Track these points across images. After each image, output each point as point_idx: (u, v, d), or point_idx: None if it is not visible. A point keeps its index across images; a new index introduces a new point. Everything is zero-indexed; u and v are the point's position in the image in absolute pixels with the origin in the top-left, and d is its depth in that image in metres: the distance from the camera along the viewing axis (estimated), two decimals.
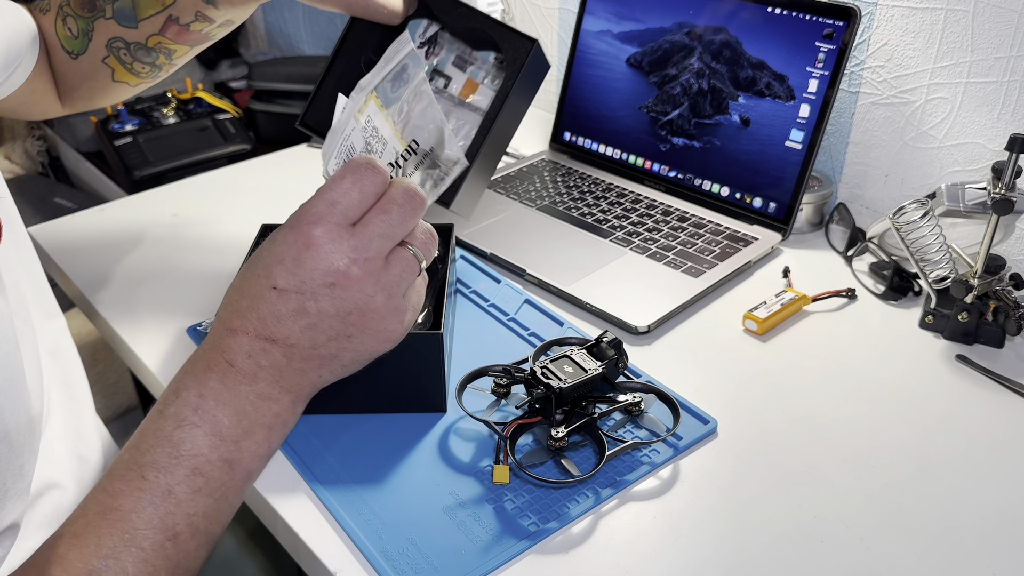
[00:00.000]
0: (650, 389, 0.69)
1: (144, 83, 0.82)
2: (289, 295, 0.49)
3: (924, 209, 0.79)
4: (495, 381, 0.69)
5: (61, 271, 0.91)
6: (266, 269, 0.50)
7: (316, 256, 0.49)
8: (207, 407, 0.48)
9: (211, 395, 0.49)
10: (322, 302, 0.49)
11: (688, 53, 1.00)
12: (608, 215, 0.98)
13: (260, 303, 0.50)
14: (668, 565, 0.57)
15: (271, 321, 0.50)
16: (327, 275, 0.49)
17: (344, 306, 0.50)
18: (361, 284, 0.50)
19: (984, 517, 0.61)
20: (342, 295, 0.49)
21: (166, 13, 0.77)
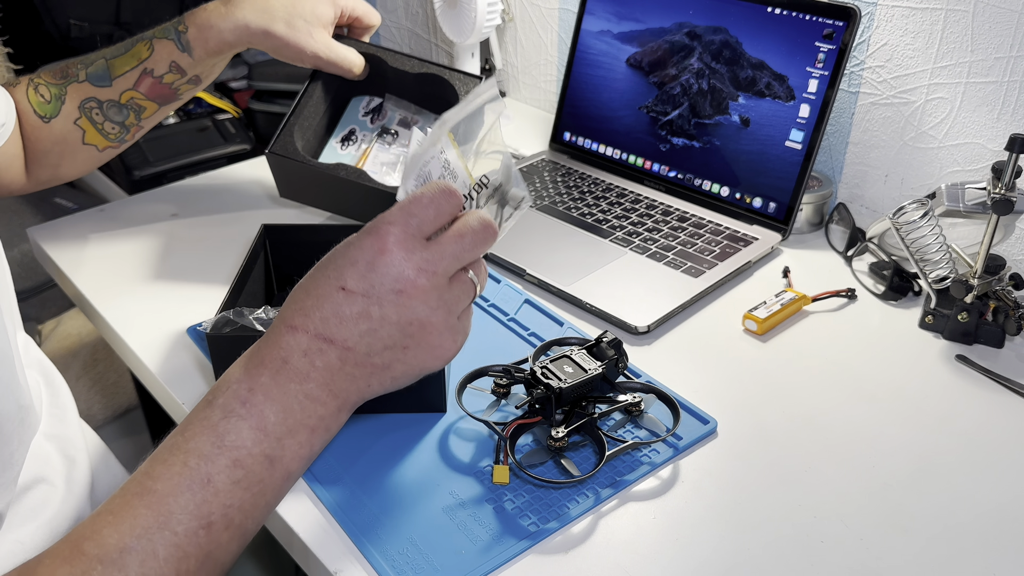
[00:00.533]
0: (650, 389, 0.69)
1: (110, 148, 0.87)
2: (356, 297, 0.50)
3: (924, 209, 0.79)
4: (495, 381, 0.69)
5: (61, 271, 0.91)
6: (337, 271, 0.51)
7: (389, 262, 0.50)
8: (255, 401, 0.49)
9: (261, 390, 0.49)
10: (387, 308, 0.50)
11: (688, 53, 1.00)
12: (608, 215, 0.98)
13: (326, 303, 0.51)
14: (668, 565, 0.57)
15: (334, 321, 0.50)
16: (397, 281, 0.50)
17: (406, 315, 0.51)
18: (427, 296, 0.51)
19: (983, 517, 0.61)
20: (407, 303, 0.51)
21: (141, 67, 0.82)
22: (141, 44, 0.84)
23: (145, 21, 1.86)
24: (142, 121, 0.86)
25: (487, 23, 1.14)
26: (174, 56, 0.83)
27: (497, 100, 0.63)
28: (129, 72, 0.83)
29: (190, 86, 0.87)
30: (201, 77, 0.87)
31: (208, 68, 0.86)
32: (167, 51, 0.83)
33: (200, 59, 0.84)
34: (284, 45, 0.84)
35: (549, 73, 1.31)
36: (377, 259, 0.51)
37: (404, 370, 0.53)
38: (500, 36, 1.35)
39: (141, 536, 0.44)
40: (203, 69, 0.86)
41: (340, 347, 0.50)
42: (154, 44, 0.83)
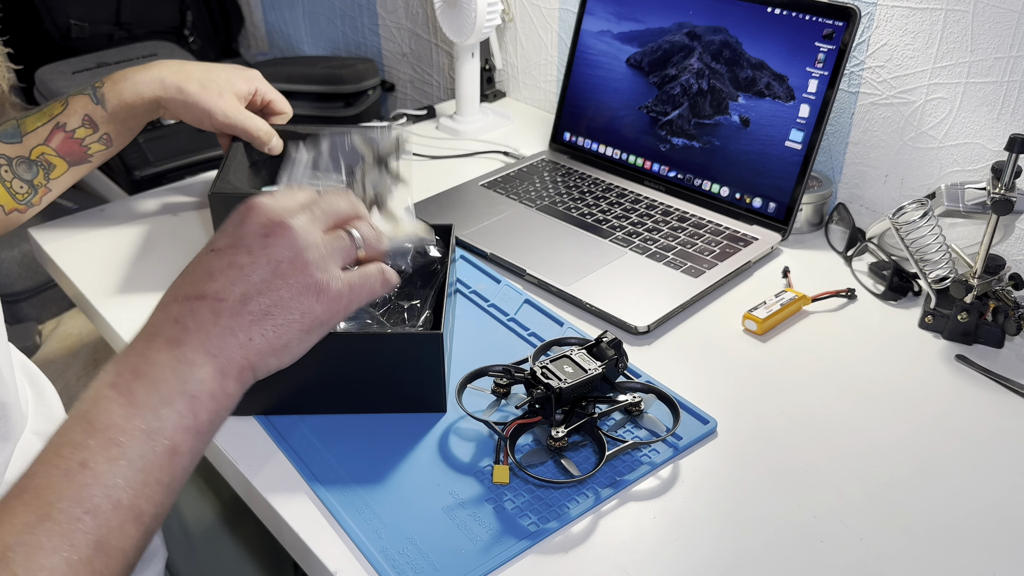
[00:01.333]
0: (650, 389, 0.69)
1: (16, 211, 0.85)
2: (224, 252, 0.51)
3: (924, 209, 0.79)
4: (495, 381, 0.69)
5: (61, 271, 0.91)
6: (209, 242, 0.53)
7: (256, 213, 0.52)
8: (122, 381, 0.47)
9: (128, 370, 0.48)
10: (255, 252, 0.50)
11: (688, 53, 1.00)
12: (608, 215, 0.98)
13: (196, 268, 0.51)
14: (668, 564, 0.57)
15: (203, 279, 0.50)
16: (263, 227, 0.51)
17: (275, 254, 0.50)
18: (295, 236, 0.51)
19: (983, 516, 0.61)
20: (274, 242, 0.51)
21: (53, 122, 0.84)
22: (56, 103, 0.85)
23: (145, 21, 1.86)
24: (51, 183, 0.85)
25: (487, 23, 1.14)
26: (88, 109, 0.84)
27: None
28: (41, 127, 0.83)
29: (101, 146, 0.86)
30: (112, 137, 0.87)
31: (120, 127, 0.86)
32: (81, 104, 0.84)
33: (113, 112, 0.84)
34: (195, 103, 0.86)
35: (549, 73, 1.31)
36: (245, 216, 0.52)
37: (286, 316, 0.50)
38: (500, 36, 1.35)
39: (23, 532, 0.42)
40: (115, 127, 0.86)
41: (211, 299, 0.49)
42: (69, 100, 0.85)
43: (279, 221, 0.51)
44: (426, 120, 1.31)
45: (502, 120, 1.27)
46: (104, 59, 1.64)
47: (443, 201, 1.02)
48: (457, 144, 1.21)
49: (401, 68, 1.63)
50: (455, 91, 1.25)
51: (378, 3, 1.60)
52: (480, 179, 1.07)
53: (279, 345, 0.51)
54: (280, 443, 0.66)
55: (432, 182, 1.08)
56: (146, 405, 0.47)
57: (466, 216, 0.98)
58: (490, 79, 1.35)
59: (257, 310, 0.50)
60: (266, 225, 0.51)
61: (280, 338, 0.51)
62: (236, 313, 0.49)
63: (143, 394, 0.47)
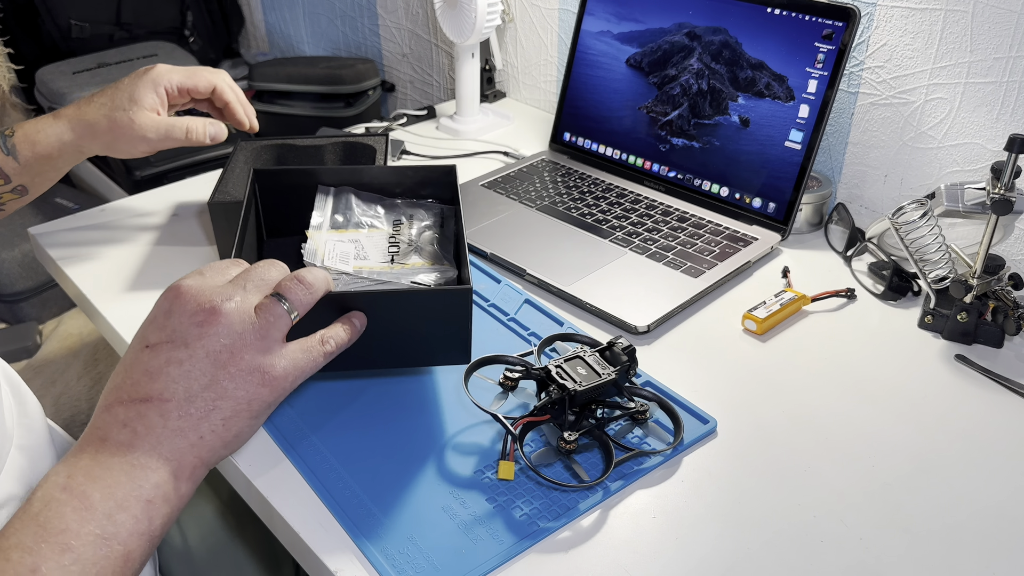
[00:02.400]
0: (654, 397, 0.69)
1: None
2: (160, 347, 0.49)
3: (923, 209, 0.79)
4: (505, 373, 0.67)
5: (61, 271, 0.91)
6: (140, 335, 0.50)
7: (184, 301, 0.50)
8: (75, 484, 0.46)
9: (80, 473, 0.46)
10: (192, 345, 0.49)
11: (688, 54, 1.00)
12: (608, 215, 0.98)
13: (134, 367, 0.49)
14: (668, 564, 0.57)
15: (144, 380, 0.49)
16: (195, 315, 0.49)
17: (213, 344, 0.49)
18: (229, 321, 0.49)
19: (982, 516, 0.61)
20: (211, 332, 0.49)
21: None
22: None
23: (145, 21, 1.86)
24: None
25: (487, 23, 1.15)
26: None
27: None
28: None
29: (14, 196, 0.85)
30: (28, 188, 0.85)
31: (34, 178, 0.84)
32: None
33: (27, 163, 0.83)
34: (112, 140, 0.83)
35: (549, 73, 1.31)
36: (173, 305, 0.50)
37: (233, 407, 0.49)
38: (500, 36, 1.35)
39: None
40: (29, 178, 0.84)
41: (157, 401, 0.48)
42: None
43: (210, 307, 0.49)
44: (426, 120, 1.31)
45: (502, 120, 1.27)
46: (104, 59, 1.64)
47: None
48: (457, 144, 1.21)
49: (401, 68, 1.63)
50: (455, 91, 1.25)
51: (378, 3, 1.60)
52: (480, 179, 1.07)
53: (229, 437, 0.50)
54: (281, 443, 0.66)
55: None
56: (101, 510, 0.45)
57: (466, 216, 0.98)
58: (490, 79, 1.35)
59: (204, 407, 0.49)
60: (197, 313, 0.49)
61: (230, 430, 0.50)
62: (184, 414, 0.48)
63: (98, 498, 0.45)
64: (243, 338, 0.50)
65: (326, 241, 0.75)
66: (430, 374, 0.73)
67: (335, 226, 0.77)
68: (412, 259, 0.75)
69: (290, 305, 0.52)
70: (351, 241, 0.76)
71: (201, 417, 0.49)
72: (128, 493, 0.46)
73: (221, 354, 0.49)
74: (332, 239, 0.75)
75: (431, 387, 0.72)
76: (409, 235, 0.77)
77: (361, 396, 0.71)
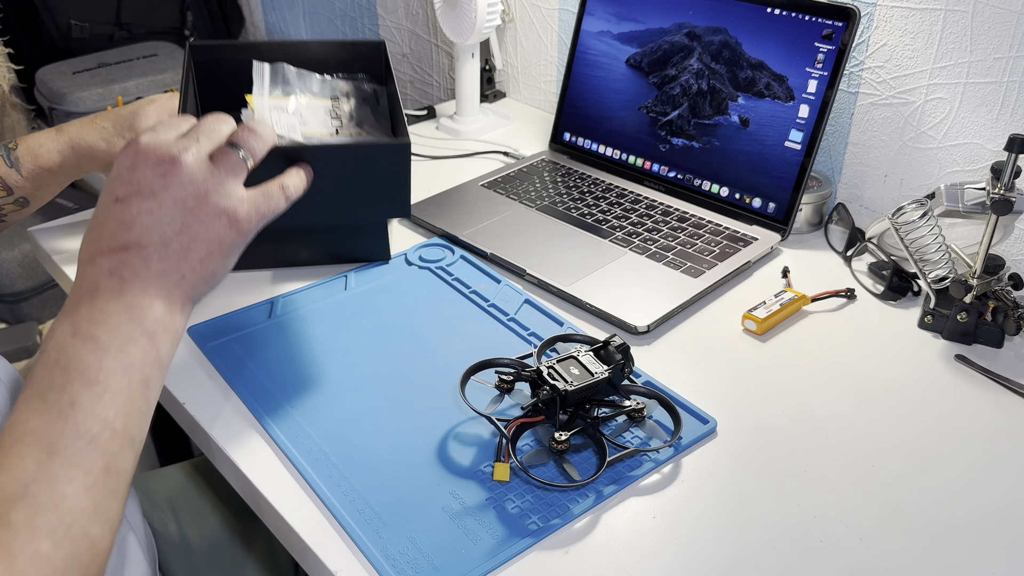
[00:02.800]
0: (653, 395, 0.69)
1: None
2: (130, 200, 0.53)
3: (923, 209, 0.79)
4: (500, 376, 0.68)
5: (61, 271, 0.91)
6: (107, 191, 0.54)
7: (145, 154, 0.54)
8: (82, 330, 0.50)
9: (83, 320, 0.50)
10: (159, 194, 0.53)
11: (688, 54, 1.00)
12: (608, 215, 0.98)
13: (108, 221, 0.53)
14: (668, 564, 0.57)
15: (120, 231, 0.52)
16: (158, 166, 0.53)
17: (179, 192, 0.53)
18: (190, 170, 0.54)
19: (982, 516, 0.61)
20: (175, 182, 0.53)
21: None
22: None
23: (145, 21, 1.86)
24: None
25: (487, 23, 1.15)
26: (1, 172, 0.83)
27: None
28: None
29: (16, 207, 0.86)
30: (29, 200, 0.86)
31: (36, 191, 0.85)
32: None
33: (29, 176, 0.84)
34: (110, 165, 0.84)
35: (549, 73, 1.31)
36: (135, 159, 0.53)
37: (206, 248, 0.54)
38: (500, 36, 1.35)
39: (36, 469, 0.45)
40: (31, 191, 0.85)
41: (136, 248, 0.52)
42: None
43: (169, 158, 0.53)
44: (426, 120, 1.31)
45: (502, 120, 1.27)
46: (104, 59, 1.64)
47: (443, 201, 1.02)
48: (457, 144, 1.21)
49: (401, 68, 1.63)
50: (455, 91, 1.25)
51: (378, 3, 1.60)
52: (480, 179, 1.07)
53: (207, 275, 0.55)
54: (281, 443, 0.66)
55: (432, 182, 1.08)
56: (112, 346, 0.50)
57: (466, 216, 0.98)
58: (490, 79, 1.35)
59: (179, 249, 0.53)
60: (159, 164, 0.53)
61: (207, 268, 0.55)
62: (163, 257, 0.53)
63: (106, 338, 0.50)
64: (205, 184, 0.54)
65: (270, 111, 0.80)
66: (431, 374, 0.74)
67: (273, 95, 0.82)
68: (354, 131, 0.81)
69: (245, 152, 0.57)
70: (293, 113, 0.81)
71: (179, 259, 0.53)
72: (132, 330, 0.51)
73: (187, 201, 0.53)
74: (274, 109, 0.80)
75: (432, 387, 0.72)
76: (350, 108, 0.83)
77: (361, 396, 0.71)
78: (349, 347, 0.77)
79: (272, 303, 0.83)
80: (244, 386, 0.72)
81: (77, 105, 1.51)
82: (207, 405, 0.70)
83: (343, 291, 0.85)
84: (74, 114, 1.51)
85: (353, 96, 0.86)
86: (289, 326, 0.80)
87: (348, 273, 0.87)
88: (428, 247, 0.93)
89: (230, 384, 0.72)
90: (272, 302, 0.83)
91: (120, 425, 0.49)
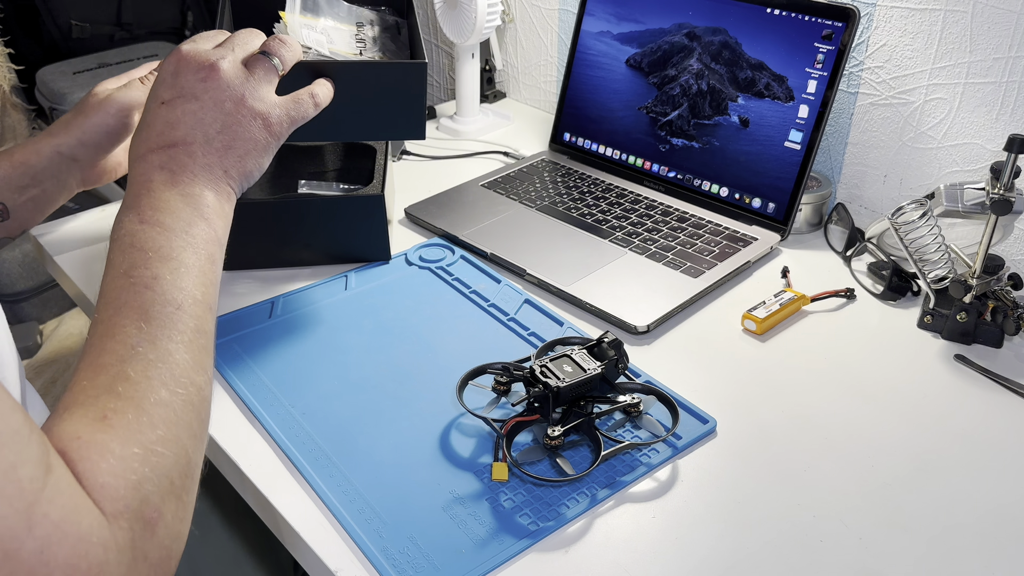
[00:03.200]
0: (649, 390, 0.69)
1: None
2: (174, 103, 0.58)
3: (923, 209, 0.79)
4: (495, 379, 0.69)
5: (62, 271, 0.92)
6: (153, 95, 0.60)
7: (187, 61, 0.60)
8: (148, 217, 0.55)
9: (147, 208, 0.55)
10: (201, 97, 0.59)
11: (687, 54, 1.00)
12: (608, 215, 0.98)
13: (155, 121, 0.58)
14: (667, 564, 0.57)
15: (167, 130, 0.58)
16: (199, 71, 0.59)
17: (218, 95, 0.59)
18: (228, 75, 0.59)
19: (982, 516, 0.61)
20: (214, 85, 0.59)
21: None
22: None
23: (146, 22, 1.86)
24: None
25: (487, 24, 1.15)
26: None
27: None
28: None
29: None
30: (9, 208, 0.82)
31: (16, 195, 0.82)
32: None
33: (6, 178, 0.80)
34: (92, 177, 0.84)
35: (549, 73, 1.31)
36: (178, 65, 0.60)
37: (244, 146, 0.60)
38: (500, 37, 1.35)
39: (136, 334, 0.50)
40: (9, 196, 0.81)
41: (182, 145, 0.57)
42: None
43: (209, 65, 0.59)
44: (426, 120, 1.31)
45: (502, 120, 1.27)
46: (105, 59, 1.64)
47: (443, 201, 1.02)
48: (457, 144, 1.22)
49: None
50: (455, 92, 1.25)
51: None
52: (480, 179, 1.07)
53: (246, 171, 0.61)
54: (281, 443, 0.66)
55: (432, 182, 1.08)
56: (178, 228, 0.55)
57: (466, 216, 0.98)
58: (490, 79, 1.35)
59: (221, 146, 0.59)
60: (200, 70, 0.59)
61: (245, 164, 0.60)
62: (206, 152, 0.58)
63: (171, 222, 0.55)
64: (242, 88, 0.60)
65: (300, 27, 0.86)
66: (431, 374, 0.74)
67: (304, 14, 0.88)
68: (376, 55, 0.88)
69: (277, 60, 0.63)
70: (321, 32, 0.87)
71: (221, 155, 0.59)
72: (191, 214, 0.56)
73: (226, 103, 0.59)
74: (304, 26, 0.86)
75: (432, 387, 0.72)
76: (373, 34, 0.91)
77: (362, 396, 0.71)
78: (349, 347, 0.77)
79: (273, 303, 0.83)
80: (245, 385, 0.72)
81: None
82: None
83: (343, 291, 0.85)
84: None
85: (377, 24, 0.93)
86: (290, 326, 0.80)
87: (348, 273, 0.87)
88: (428, 247, 0.93)
89: (231, 384, 0.72)
90: (273, 302, 0.83)
91: (200, 294, 0.54)
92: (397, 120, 0.78)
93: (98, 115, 0.82)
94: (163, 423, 0.47)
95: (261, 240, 0.87)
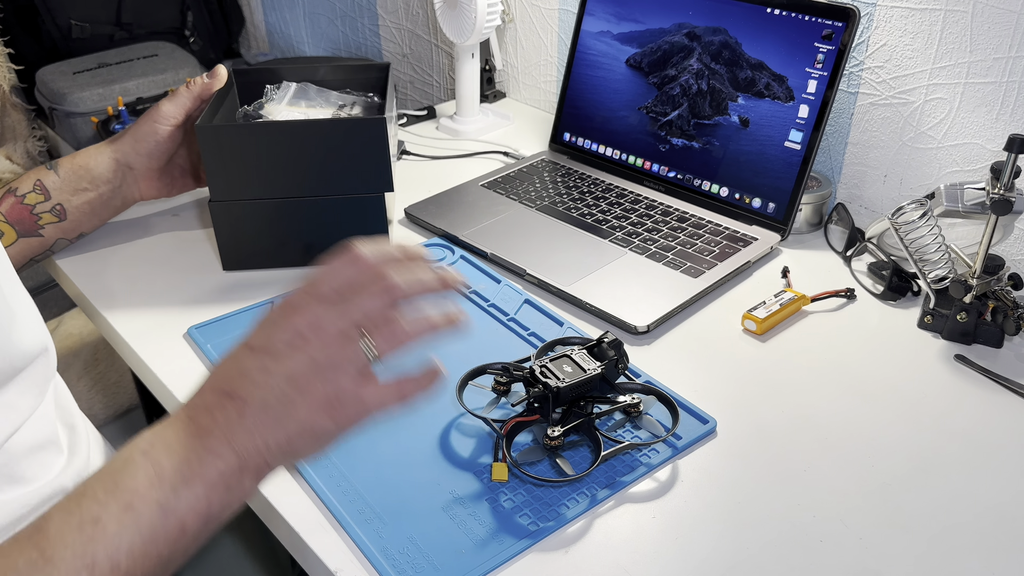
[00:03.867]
0: (649, 390, 0.69)
1: None
2: (257, 352, 0.52)
3: (923, 209, 0.79)
4: (495, 379, 0.69)
5: (61, 271, 0.91)
6: (250, 333, 0.54)
7: (287, 317, 0.52)
8: (154, 452, 0.50)
9: (162, 443, 0.50)
10: (281, 361, 0.52)
11: (687, 54, 1.00)
12: (608, 215, 0.98)
13: (233, 362, 0.53)
14: (667, 564, 0.57)
15: (236, 377, 0.52)
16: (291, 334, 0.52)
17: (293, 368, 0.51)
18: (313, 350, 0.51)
19: (982, 516, 0.61)
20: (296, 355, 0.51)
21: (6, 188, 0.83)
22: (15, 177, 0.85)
23: (146, 22, 1.86)
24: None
25: (487, 24, 1.15)
26: (40, 175, 0.84)
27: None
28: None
29: (53, 218, 0.86)
30: (66, 209, 0.86)
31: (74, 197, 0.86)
32: (35, 172, 0.85)
33: (66, 177, 0.84)
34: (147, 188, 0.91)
35: (549, 73, 1.31)
36: (279, 316, 0.53)
37: (298, 428, 0.51)
38: (500, 36, 1.35)
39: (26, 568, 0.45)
40: (67, 195, 0.85)
41: (238, 400, 0.51)
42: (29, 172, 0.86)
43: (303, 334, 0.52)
44: (426, 120, 1.31)
45: (502, 120, 1.27)
46: (105, 59, 1.64)
47: (443, 201, 1.02)
48: (457, 144, 1.22)
49: (401, 69, 1.63)
50: (455, 91, 1.25)
51: (378, 4, 1.60)
52: (480, 179, 1.07)
53: (290, 451, 0.52)
54: None
55: (432, 182, 1.08)
56: (168, 481, 0.49)
57: (466, 216, 0.98)
58: (490, 79, 1.35)
59: (274, 418, 0.51)
60: (295, 334, 0.52)
61: (292, 446, 0.52)
62: (258, 417, 0.51)
63: (169, 469, 0.49)
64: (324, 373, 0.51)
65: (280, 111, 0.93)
66: None
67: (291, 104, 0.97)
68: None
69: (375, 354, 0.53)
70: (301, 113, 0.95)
71: (271, 426, 0.51)
72: (195, 472, 0.49)
73: (299, 379, 0.51)
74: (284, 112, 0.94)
75: None
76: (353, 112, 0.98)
77: None
78: None
79: (272, 303, 0.83)
80: None
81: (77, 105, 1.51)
82: None
83: None
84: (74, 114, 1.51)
85: (359, 104, 0.98)
86: None
87: None
88: (428, 247, 0.93)
89: None
90: (272, 302, 0.83)
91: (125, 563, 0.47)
92: (364, 175, 0.83)
93: (146, 122, 0.88)
94: None
95: (261, 240, 0.87)
